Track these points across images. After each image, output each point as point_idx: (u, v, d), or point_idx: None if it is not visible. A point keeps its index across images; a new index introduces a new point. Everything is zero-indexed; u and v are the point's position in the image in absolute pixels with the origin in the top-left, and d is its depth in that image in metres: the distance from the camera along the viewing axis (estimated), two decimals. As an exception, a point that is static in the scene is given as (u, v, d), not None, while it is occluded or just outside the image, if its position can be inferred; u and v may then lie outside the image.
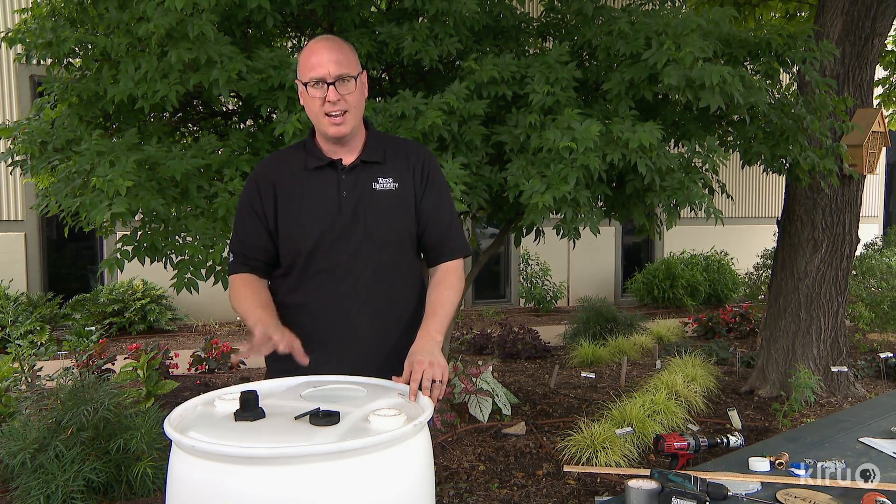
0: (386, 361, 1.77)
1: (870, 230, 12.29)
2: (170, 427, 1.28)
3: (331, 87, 1.73)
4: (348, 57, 1.77)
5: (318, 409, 1.31)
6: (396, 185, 1.84)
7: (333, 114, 1.75)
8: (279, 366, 1.75)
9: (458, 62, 3.87)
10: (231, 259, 1.89)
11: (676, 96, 3.30)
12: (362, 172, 1.83)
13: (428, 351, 1.64)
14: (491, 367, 4.60)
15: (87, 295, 7.41)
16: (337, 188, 1.82)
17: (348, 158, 1.84)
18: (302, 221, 1.82)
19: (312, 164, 1.84)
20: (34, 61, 3.55)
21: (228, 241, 2.00)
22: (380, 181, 1.83)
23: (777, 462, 1.90)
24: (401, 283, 1.88)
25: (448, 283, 1.86)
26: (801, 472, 1.86)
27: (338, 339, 1.83)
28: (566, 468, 2.57)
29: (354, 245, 1.81)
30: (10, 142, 3.67)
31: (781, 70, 3.97)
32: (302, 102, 1.83)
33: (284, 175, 1.85)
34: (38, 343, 5.25)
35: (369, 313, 1.83)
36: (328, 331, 1.83)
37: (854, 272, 6.52)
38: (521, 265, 9.51)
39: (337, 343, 1.83)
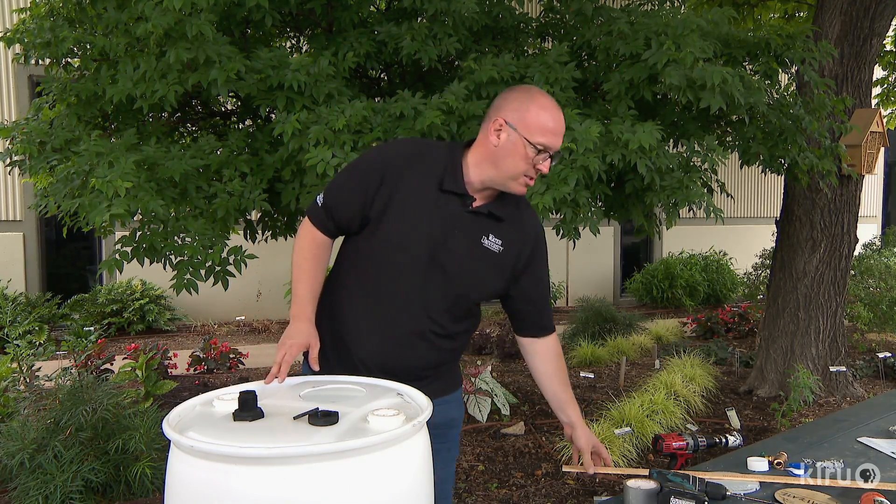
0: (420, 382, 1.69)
1: (868, 230, 12.30)
2: (168, 427, 1.28)
3: (550, 158, 1.71)
4: None
5: (317, 409, 1.31)
6: (502, 248, 1.79)
7: (530, 177, 1.72)
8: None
9: (457, 62, 3.87)
10: (319, 207, 1.80)
11: (676, 96, 3.30)
12: (480, 222, 1.77)
13: (592, 434, 1.96)
14: (490, 367, 4.60)
15: (86, 295, 7.40)
16: (452, 222, 1.74)
17: (479, 201, 1.78)
18: (405, 231, 1.73)
19: (448, 186, 1.74)
20: (33, 61, 3.54)
21: (317, 195, 1.85)
22: (490, 238, 1.77)
23: (776, 462, 1.90)
24: (462, 324, 1.85)
25: (564, 372, 1.98)
26: (800, 471, 1.86)
27: (387, 363, 1.76)
28: (565, 468, 2.56)
29: (436, 286, 1.74)
30: (8, 142, 3.67)
31: (780, 70, 3.97)
32: (501, 149, 1.70)
33: (413, 179, 1.74)
34: (37, 343, 5.23)
35: (423, 348, 1.79)
36: (375, 352, 1.77)
37: (852, 272, 6.52)
38: (520, 265, 9.50)
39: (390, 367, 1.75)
